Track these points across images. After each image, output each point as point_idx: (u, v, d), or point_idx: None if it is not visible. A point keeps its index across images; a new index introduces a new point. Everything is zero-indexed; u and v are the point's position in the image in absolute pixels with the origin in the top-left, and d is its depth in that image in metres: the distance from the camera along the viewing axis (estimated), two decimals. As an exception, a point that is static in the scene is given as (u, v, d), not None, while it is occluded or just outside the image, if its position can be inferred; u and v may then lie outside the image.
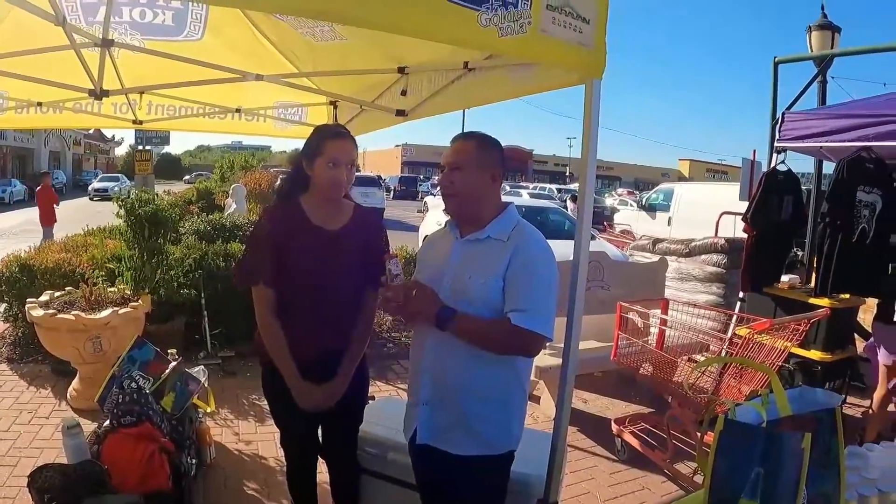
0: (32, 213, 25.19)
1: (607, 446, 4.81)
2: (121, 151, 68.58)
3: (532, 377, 5.21)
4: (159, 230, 6.31)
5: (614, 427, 4.75)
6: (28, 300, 5.56)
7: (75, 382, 5.41)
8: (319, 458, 3.17)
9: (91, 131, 55.58)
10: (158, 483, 2.99)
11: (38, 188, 15.86)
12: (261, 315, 2.82)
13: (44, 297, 5.60)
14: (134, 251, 6.16)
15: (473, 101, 3.69)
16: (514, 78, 3.04)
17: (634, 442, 4.57)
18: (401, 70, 4.00)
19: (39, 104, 5.19)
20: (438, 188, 2.66)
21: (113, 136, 65.19)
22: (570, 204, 21.53)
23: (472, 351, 2.28)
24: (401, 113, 4.37)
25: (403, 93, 4.12)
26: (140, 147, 15.94)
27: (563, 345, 5.36)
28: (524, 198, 23.63)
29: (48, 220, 14.81)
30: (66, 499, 2.70)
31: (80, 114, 5.48)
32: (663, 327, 4.73)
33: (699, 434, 4.17)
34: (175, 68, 4.21)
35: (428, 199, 23.19)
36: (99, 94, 3.80)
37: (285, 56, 4.46)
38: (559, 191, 35.22)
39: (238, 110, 5.66)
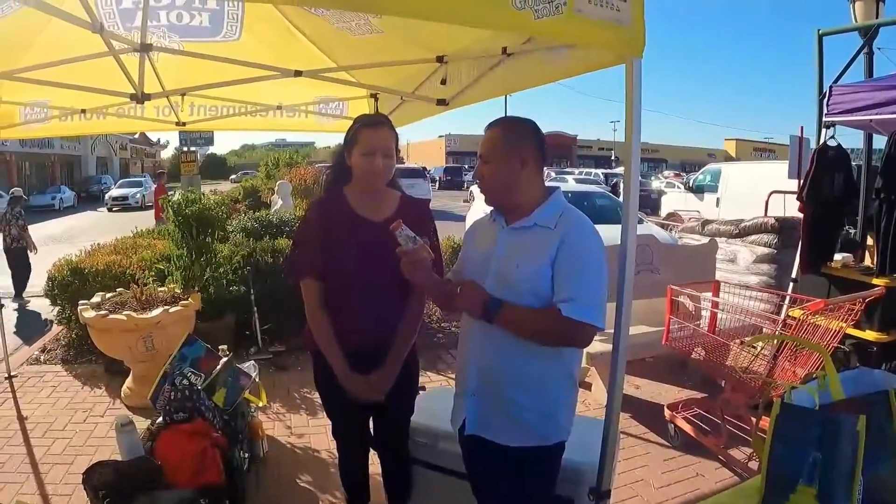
0: (81, 218, 25.99)
1: (660, 432, 4.72)
2: (167, 154, 69.86)
3: (583, 364, 5.19)
4: (206, 229, 6.41)
5: (667, 413, 4.67)
6: (80, 302, 5.69)
7: (128, 381, 5.53)
8: (371, 449, 3.18)
9: (136, 135, 56.68)
10: (211, 478, 3.02)
11: (155, 188, 17.30)
12: (309, 307, 2.83)
13: (95, 299, 5.72)
14: (182, 251, 6.27)
15: (514, 86, 3.63)
16: (553, 61, 2.96)
17: (688, 428, 4.48)
18: (439, 59, 3.96)
19: (83, 111, 5.32)
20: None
21: (158, 140, 66.35)
22: None
23: (517, 341, 2.22)
24: (441, 102, 4.34)
25: (443, 82, 4.08)
26: (185, 148, 16.14)
27: (613, 331, 5.32)
28: (570, 183, 23.39)
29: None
30: (120, 495, 2.74)
31: (123, 118, 5.61)
32: (715, 310, 4.62)
33: (754, 418, 4.09)
34: (215, 69, 4.23)
35: (473, 188, 23.12)
36: (140, 98, 3.83)
37: (323, 51, 4.46)
38: (606, 176, 34.77)
39: (279, 107, 5.70)
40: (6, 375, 6.08)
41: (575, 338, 2.21)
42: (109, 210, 33.47)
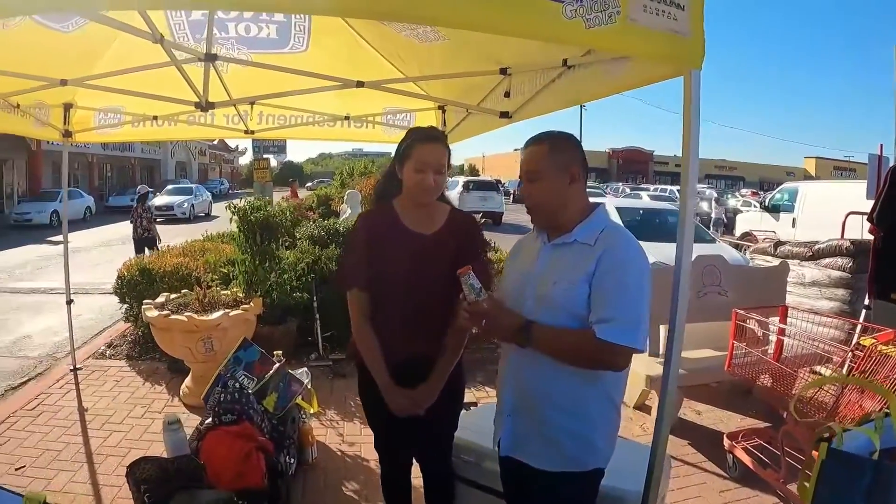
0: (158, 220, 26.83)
1: (718, 462, 4.53)
2: (244, 160, 71.67)
3: (644, 386, 5.06)
4: (271, 235, 6.51)
5: (726, 442, 4.47)
6: (144, 301, 5.87)
7: (188, 380, 5.66)
8: (415, 462, 3.14)
9: (215, 142, 58.45)
10: (253, 481, 3.06)
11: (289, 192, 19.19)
12: (354, 318, 2.82)
13: (160, 299, 5.90)
14: (246, 255, 6.38)
15: (574, 99, 3.56)
16: (613, 73, 2.89)
17: (746, 459, 4.26)
18: (503, 71, 3.94)
19: (155, 118, 5.53)
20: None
21: (237, 147, 68.19)
22: (711, 205, 21.07)
23: (555, 363, 2.15)
24: (504, 115, 4.31)
25: (507, 94, 4.06)
26: (258, 156, 16.45)
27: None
28: (644, 200, 22.95)
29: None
30: (161, 491, 2.80)
31: (193, 126, 5.82)
32: (781, 336, 4.42)
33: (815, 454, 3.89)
34: (281, 79, 4.32)
35: None
36: (205, 106, 3.94)
37: (390, 61, 4.50)
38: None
39: (347, 117, 5.78)
40: (71, 368, 6.35)
41: (609, 361, 2.10)
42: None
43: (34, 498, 1.77)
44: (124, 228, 21.99)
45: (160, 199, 29.96)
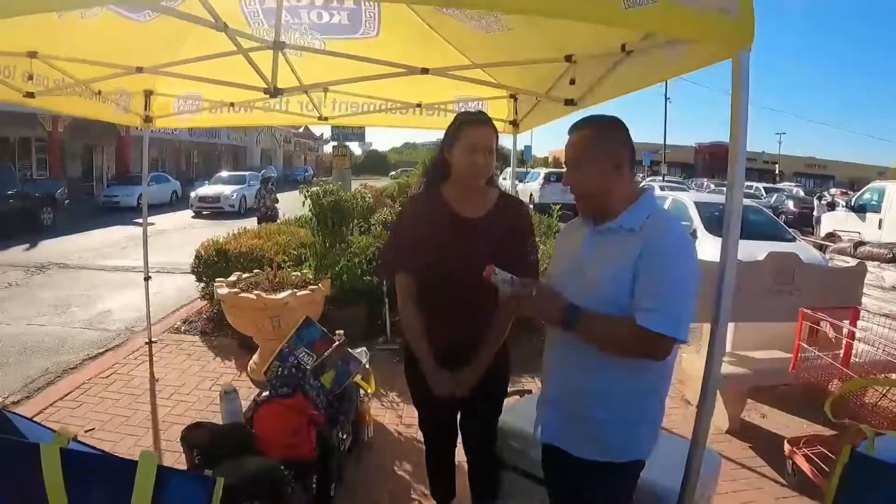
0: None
1: (778, 468, 4.37)
2: (329, 149, 72.84)
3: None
4: (342, 219, 6.64)
5: (786, 447, 4.29)
6: (217, 280, 6.09)
7: (255, 356, 5.86)
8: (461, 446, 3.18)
9: (300, 129, 59.63)
10: (302, 452, 3.15)
11: None
12: (401, 301, 2.88)
13: (232, 278, 6.13)
14: (317, 238, 6.53)
15: (633, 85, 3.49)
16: (669, 56, 2.82)
17: (805, 466, 4.08)
18: (568, 58, 3.91)
19: (231, 104, 5.72)
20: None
21: (321, 135, 69.27)
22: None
23: (600, 354, 2.11)
24: (570, 102, 4.27)
25: (572, 82, 4.01)
26: (337, 143, 16.68)
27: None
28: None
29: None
30: (211, 455, 2.93)
31: (269, 112, 6.01)
32: (850, 340, 4.22)
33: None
34: (353, 66, 4.40)
35: None
36: (273, 92, 4.04)
37: (459, 49, 4.53)
38: (766, 190, 32.99)
39: (419, 105, 5.82)
40: (147, 341, 6.71)
41: (649, 350, 2.03)
42: (195, 215, 25.02)
43: (64, 434, 1.86)
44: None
45: (205, 190, 26.31)
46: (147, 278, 6.81)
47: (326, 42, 4.50)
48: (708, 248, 9.75)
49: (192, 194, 26.22)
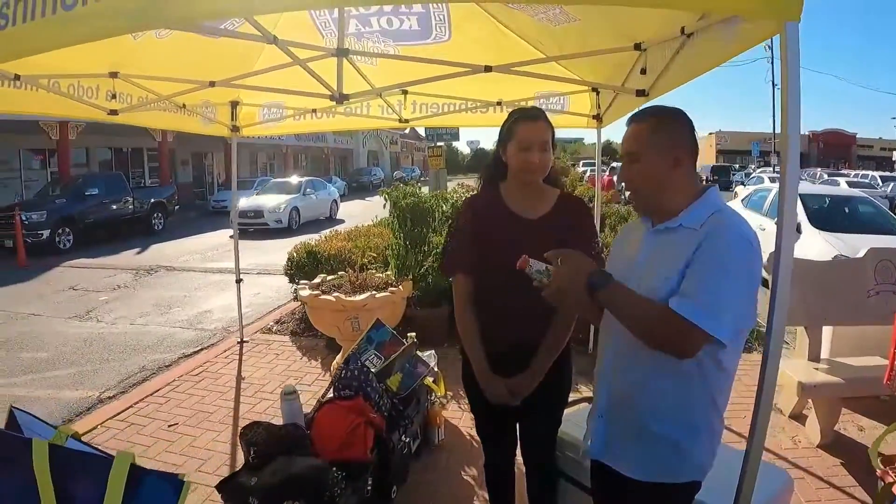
0: (348, 206, 28.16)
1: (871, 489, 3.92)
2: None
3: (795, 394, 4.63)
4: (422, 221, 6.68)
5: (879, 465, 3.91)
6: (300, 282, 6.26)
7: (339, 357, 5.96)
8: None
9: (407, 131, 60.49)
10: (356, 454, 3.16)
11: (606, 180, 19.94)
12: (457, 304, 2.83)
13: (316, 280, 6.26)
14: (398, 240, 6.60)
15: (696, 69, 3.32)
16: (724, 35, 2.70)
17: None
18: (637, 47, 3.81)
19: (314, 111, 5.92)
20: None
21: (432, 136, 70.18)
22: None
23: (654, 361, 1.95)
24: (641, 93, 4.18)
25: (643, 71, 3.90)
26: (431, 144, 16.78)
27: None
28: (841, 186, 21.06)
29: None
30: (266, 453, 3.01)
31: (350, 117, 6.20)
32: None
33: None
34: (424, 68, 4.48)
35: (738, 188, 21.53)
36: (339, 98, 4.10)
37: (532, 44, 4.48)
38: (883, 179, 31.04)
39: (499, 103, 5.81)
40: (239, 340, 7.02)
41: (676, 337, 1.84)
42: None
43: (63, 432, 2.04)
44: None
45: (245, 202, 20.13)
46: (238, 280, 7.11)
47: (400, 49, 4.56)
48: (815, 243, 9.23)
49: (212, 199, 22.59)
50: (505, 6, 3.94)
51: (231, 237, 8.72)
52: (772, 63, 40.09)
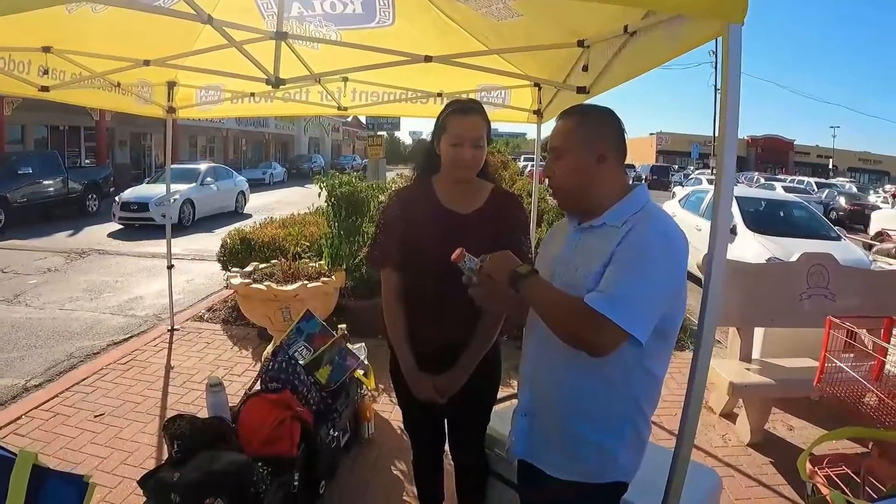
0: (288, 193, 27.84)
1: (799, 488, 4.01)
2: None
3: (724, 394, 4.69)
4: (357, 210, 6.58)
5: (807, 466, 3.71)
6: (231, 269, 6.11)
7: (269, 347, 5.80)
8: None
9: (349, 119, 60.10)
10: (282, 449, 3.10)
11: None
12: (385, 299, 2.78)
13: (248, 268, 6.10)
14: (333, 230, 6.51)
15: (637, 68, 3.31)
16: (667, 35, 2.68)
17: (825, 490, 3.50)
18: (580, 43, 3.79)
19: (252, 94, 5.75)
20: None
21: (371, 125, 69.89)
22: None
23: (572, 360, 1.90)
24: (581, 90, 4.16)
25: (585, 68, 3.90)
26: (371, 133, 16.56)
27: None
28: (777, 191, 21.68)
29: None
30: (189, 447, 2.92)
31: (289, 102, 6.06)
32: (880, 355, 3.80)
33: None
34: (366, 55, 4.33)
35: (677, 189, 21.94)
36: (275, 82, 3.98)
37: (475, 37, 4.44)
38: (818, 185, 32.16)
39: (440, 94, 5.73)
40: (168, 328, 6.87)
41: (588, 331, 1.77)
42: (119, 229, 16.54)
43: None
44: (253, 200, 23.12)
45: (129, 193, 17.49)
46: (170, 267, 6.95)
47: (342, 33, 4.47)
48: (750, 245, 9.48)
49: (116, 200, 17.54)
50: (449, -1, 3.90)
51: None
52: (715, 67, 40.89)
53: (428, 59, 4.18)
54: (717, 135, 2.04)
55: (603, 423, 1.96)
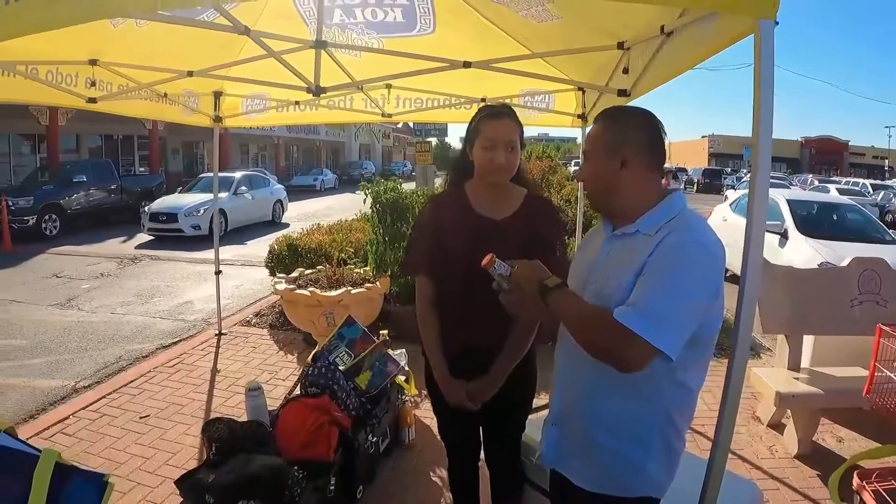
0: (339, 199, 28.08)
1: (847, 501, 3.70)
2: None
3: (772, 404, 4.56)
4: (401, 216, 6.63)
5: (855, 480, 3.58)
6: (277, 275, 6.19)
7: (314, 352, 5.87)
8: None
9: (399, 125, 60.42)
10: (319, 452, 3.13)
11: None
12: (419, 305, 2.77)
13: (294, 274, 6.21)
14: (377, 236, 6.55)
15: (673, 69, 3.26)
16: (702, 34, 2.63)
17: (871, 503, 3.43)
18: (620, 46, 3.76)
19: (297, 103, 5.85)
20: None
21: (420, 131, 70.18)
22: None
23: (600, 371, 1.84)
24: (622, 93, 4.09)
25: (625, 71, 3.87)
26: (419, 139, 16.63)
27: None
28: (831, 193, 21.06)
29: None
30: (227, 450, 2.98)
31: (334, 110, 6.13)
32: None
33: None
34: (407, 62, 4.40)
35: (729, 192, 21.34)
36: (315, 91, 4.03)
37: (517, 40, 4.42)
38: (874, 187, 31.12)
39: (483, 100, 5.72)
40: (216, 332, 6.99)
41: (619, 350, 1.73)
42: (151, 240, 15.96)
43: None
44: (304, 206, 23.39)
45: (158, 204, 16.89)
46: (217, 272, 7.06)
47: (384, 41, 4.50)
48: (801, 250, 9.22)
49: (144, 210, 17.10)
50: (489, 1, 3.89)
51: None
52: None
53: (467, 64, 4.17)
54: (752, 133, 1.97)
55: (631, 435, 1.92)
